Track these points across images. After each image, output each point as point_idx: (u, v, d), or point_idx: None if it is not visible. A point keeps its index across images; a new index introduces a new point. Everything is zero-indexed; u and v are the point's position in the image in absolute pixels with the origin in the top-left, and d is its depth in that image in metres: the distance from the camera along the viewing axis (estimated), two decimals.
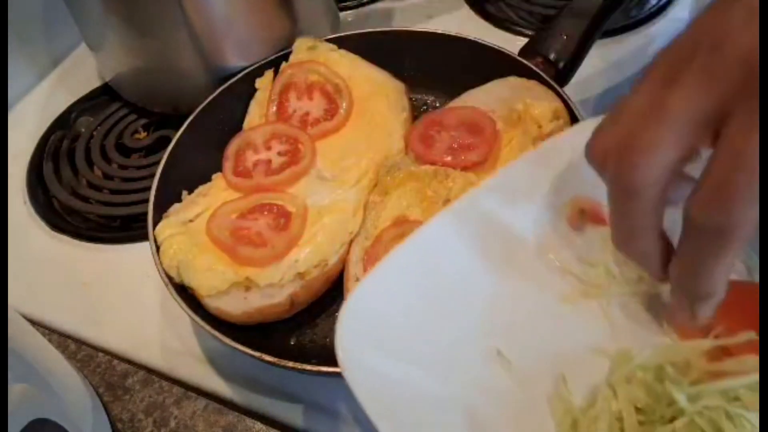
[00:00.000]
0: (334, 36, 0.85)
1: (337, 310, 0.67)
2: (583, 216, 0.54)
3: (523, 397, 0.47)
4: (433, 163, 0.71)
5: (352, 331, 0.45)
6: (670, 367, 0.44)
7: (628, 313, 0.50)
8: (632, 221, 0.43)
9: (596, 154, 0.44)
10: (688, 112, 0.39)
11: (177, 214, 0.69)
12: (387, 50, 0.83)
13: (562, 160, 0.54)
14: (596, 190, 0.52)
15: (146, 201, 0.70)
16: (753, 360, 0.42)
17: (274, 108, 0.79)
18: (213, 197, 0.71)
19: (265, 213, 0.69)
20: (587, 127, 0.55)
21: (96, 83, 0.99)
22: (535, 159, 0.55)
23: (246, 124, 0.79)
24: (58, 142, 0.92)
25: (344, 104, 0.77)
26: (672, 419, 0.43)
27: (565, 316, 0.51)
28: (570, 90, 0.74)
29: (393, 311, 0.48)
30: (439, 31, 0.84)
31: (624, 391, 0.44)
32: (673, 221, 0.43)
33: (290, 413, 0.63)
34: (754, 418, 0.41)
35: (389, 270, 0.49)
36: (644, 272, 0.50)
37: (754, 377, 0.42)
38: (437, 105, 0.85)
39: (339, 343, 0.44)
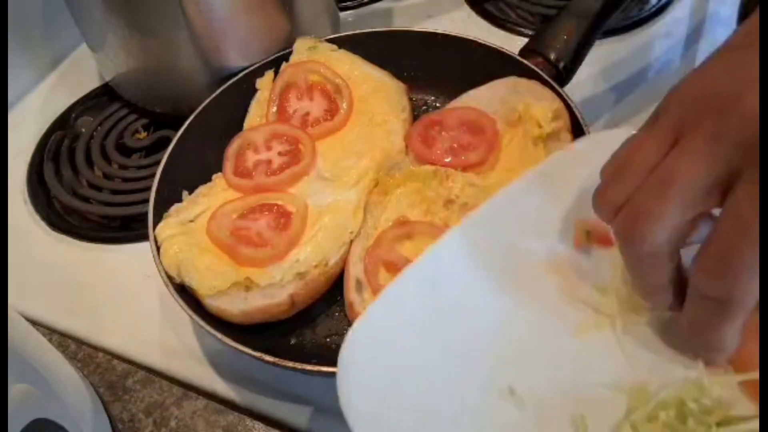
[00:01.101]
0: (334, 36, 0.85)
1: (337, 311, 0.67)
2: (589, 238, 0.53)
3: None
4: (433, 163, 0.71)
5: (356, 382, 0.44)
6: (693, 404, 0.43)
7: (643, 343, 0.48)
8: (646, 278, 0.44)
9: (606, 209, 0.44)
10: (697, 180, 0.39)
11: (177, 214, 0.69)
12: (387, 50, 0.83)
13: (565, 181, 0.53)
14: None
15: (146, 201, 0.70)
16: None
17: (275, 108, 0.79)
18: (213, 197, 0.71)
19: (266, 213, 0.69)
20: (589, 144, 0.54)
21: (96, 83, 0.99)
22: (537, 180, 0.54)
23: (246, 124, 0.79)
24: (59, 142, 0.92)
25: (344, 104, 0.77)
26: None
27: (578, 348, 0.48)
28: (570, 90, 0.74)
29: (396, 352, 0.46)
30: (439, 31, 0.84)
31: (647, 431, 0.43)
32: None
33: (290, 413, 0.63)
34: None
35: (390, 304, 0.47)
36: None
37: None
38: (437, 105, 0.85)
39: (343, 398, 0.42)
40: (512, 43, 0.83)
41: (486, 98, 0.75)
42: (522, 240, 0.52)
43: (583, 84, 0.79)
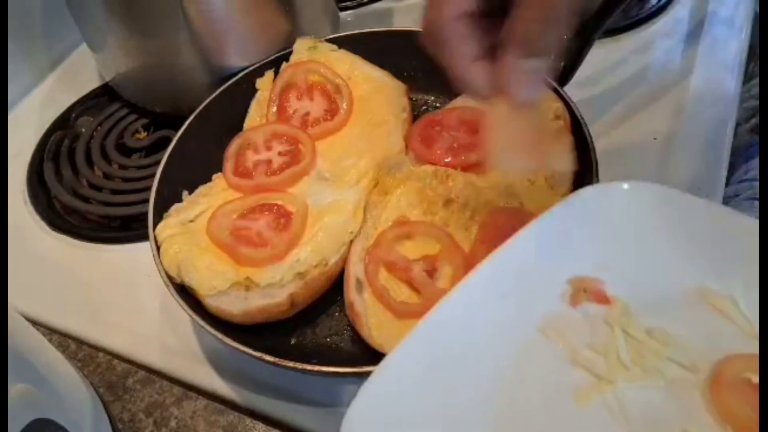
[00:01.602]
0: (334, 36, 0.85)
1: (337, 311, 0.67)
2: (585, 295, 0.52)
3: None
4: (433, 163, 0.71)
5: None
6: None
7: (645, 407, 0.47)
8: (446, 54, 0.48)
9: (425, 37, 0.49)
10: None
11: (177, 214, 0.69)
12: (387, 50, 0.83)
13: (560, 236, 0.53)
14: (597, 269, 0.52)
15: (146, 201, 0.70)
16: None
17: (275, 108, 0.79)
18: (213, 197, 0.71)
19: (266, 213, 0.69)
20: (578, 199, 0.53)
21: (96, 83, 0.99)
22: (532, 237, 0.53)
23: (246, 124, 0.79)
24: (59, 142, 0.92)
25: (344, 104, 0.77)
26: None
27: (579, 415, 0.48)
28: (570, 90, 0.74)
29: (397, 424, 0.45)
30: None
31: None
32: None
33: (290, 413, 0.63)
34: None
35: (389, 376, 0.46)
36: (662, 364, 0.48)
37: None
38: (437, 105, 0.85)
39: None
40: None
41: None
42: (520, 300, 0.51)
43: (583, 84, 0.79)
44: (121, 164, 0.88)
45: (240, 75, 0.82)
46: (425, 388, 0.47)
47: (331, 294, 0.67)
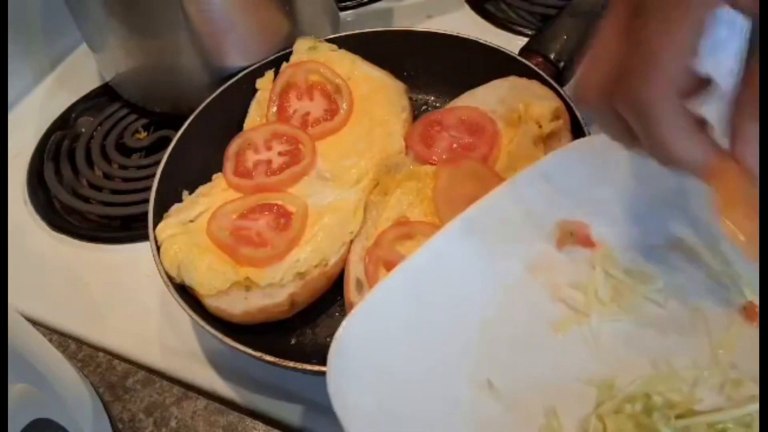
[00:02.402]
0: (334, 36, 0.85)
1: (337, 311, 0.67)
2: (572, 239, 0.55)
3: (514, 430, 0.47)
4: (433, 163, 0.71)
5: (349, 383, 0.45)
6: (658, 397, 0.45)
7: (615, 340, 0.51)
8: (662, 130, 0.40)
9: (591, 92, 0.42)
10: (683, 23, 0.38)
11: (177, 214, 0.69)
12: (387, 50, 0.83)
13: (552, 183, 0.55)
14: (584, 212, 0.55)
15: (146, 201, 0.70)
16: (747, 396, 0.44)
17: (275, 108, 0.79)
18: (213, 197, 0.71)
19: (266, 213, 0.69)
20: (574, 148, 0.55)
21: (96, 83, 0.99)
22: (522, 183, 0.55)
23: (246, 125, 0.79)
24: (59, 142, 0.92)
25: (344, 104, 0.77)
26: None
27: (555, 344, 0.51)
28: (570, 90, 0.74)
29: (385, 351, 0.47)
30: (439, 31, 0.84)
31: (612, 423, 0.45)
32: None
33: (290, 413, 0.63)
34: None
35: (378, 302, 0.49)
36: (635, 298, 0.51)
37: (743, 410, 0.43)
38: (437, 105, 0.85)
39: (337, 400, 0.43)
40: (512, 43, 0.83)
41: (486, 98, 0.75)
42: (507, 242, 0.54)
43: None
44: (121, 164, 0.88)
45: (240, 75, 0.81)
46: (411, 318, 0.49)
47: (331, 294, 0.67)
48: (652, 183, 0.54)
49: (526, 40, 0.82)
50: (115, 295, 0.74)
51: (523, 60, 0.77)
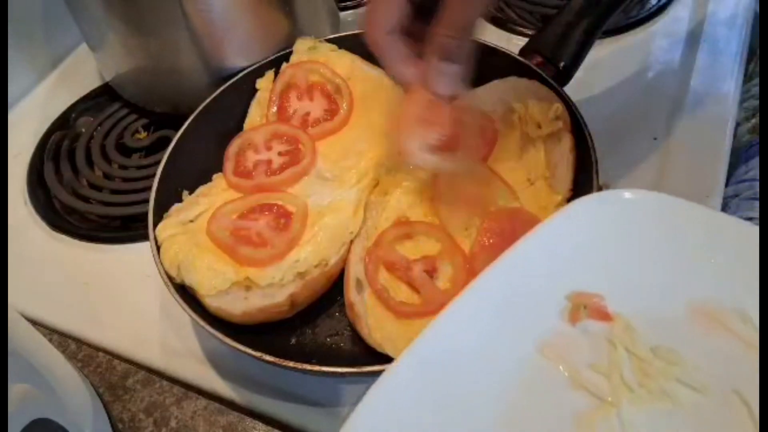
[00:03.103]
0: (334, 36, 0.85)
1: (337, 311, 0.67)
2: (585, 312, 0.50)
3: None
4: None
5: None
6: None
7: (650, 429, 0.45)
8: (383, 57, 0.59)
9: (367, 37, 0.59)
10: None
11: (177, 214, 0.69)
12: None
13: (557, 250, 0.50)
14: (597, 281, 0.49)
15: (146, 201, 0.70)
16: None
17: (275, 108, 0.79)
18: (213, 197, 0.71)
19: (266, 213, 0.69)
20: (577, 209, 0.51)
21: (96, 83, 0.99)
22: (527, 252, 0.51)
23: (246, 125, 0.79)
24: (59, 142, 0.92)
25: (344, 104, 0.77)
26: None
27: None
28: (570, 90, 0.74)
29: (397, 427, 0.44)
30: None
31: None
32: None
33: (290, 413, 0.63)
34: None
35: (388, 391, 0.44)
36: (670, 385, 0.46)
37: None
38: None
39: None
40: (512, 43, 0.83)
41: (485, 98, 0.75)
42: (516, 318, 0.49)
43: (583, 84, 0.79)
44: (121, 164, 0.88)
45: (240, 75, 0.81)
46: (421, 410, 0.45)
47: (331, 294, 0.67)
48: (675, 239, 0.50)
49: (526, 40, 0.82)
50: (115, 295, 0.74)
51: (523, 60, 0.77)
